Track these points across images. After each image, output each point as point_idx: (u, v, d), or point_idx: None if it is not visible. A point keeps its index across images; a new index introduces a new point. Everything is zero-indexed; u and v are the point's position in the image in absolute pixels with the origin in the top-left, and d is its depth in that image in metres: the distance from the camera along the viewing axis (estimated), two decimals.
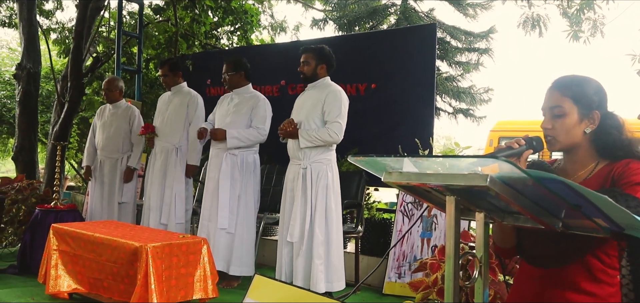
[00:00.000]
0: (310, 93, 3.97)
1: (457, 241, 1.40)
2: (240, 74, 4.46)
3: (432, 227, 4.37)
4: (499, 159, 1.21)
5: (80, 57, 8.49)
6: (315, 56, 3.94)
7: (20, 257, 4.41)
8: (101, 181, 5.13)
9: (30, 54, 8.83)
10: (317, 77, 3.96)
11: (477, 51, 9.53)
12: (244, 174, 4.33)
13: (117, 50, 7.21)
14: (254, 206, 4.39)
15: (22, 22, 8.98)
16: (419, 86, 5.09)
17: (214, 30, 9.07)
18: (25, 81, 8.66)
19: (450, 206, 1.39)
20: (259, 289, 2.13)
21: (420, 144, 4.67)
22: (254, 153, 4.44)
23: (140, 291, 2.98)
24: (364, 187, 4.55)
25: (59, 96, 8.83)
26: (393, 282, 4.38)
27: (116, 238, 3.21)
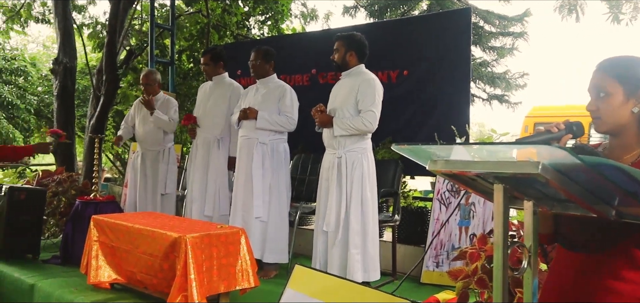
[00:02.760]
0: (345, 81, 3.94)
1: (505, 230, 1.36)
2: (269, 64, 4.47)
3: (470, 215, 4.31)
4: (553, 145, 1.16)
5: (114, 51, 8.63)
6: (345, 43, 3.91)
7: (62, 248, 4.50)
8: (143, 173, 5.16)
9: (66, 49, 9.02)
10: (347, 64, 3.92)
11: (512, 35, 9.34)
12: (275, 163, 4.34)
13: (150, 42, 7.29)
14: (286, 194, 4.39)
15: (57, 18, 9.17)
16: (454, 73, 5.00)
17: (245, 20, 9.10)
18: (62, 76, 8.85)
19: (498, 195, 1.35)
20: (299, 279, 2.12)
21: (457, 131, 4.59)
22: (283, 142, 4.43)
23: (180, 281, 3.00)
24: (400, 175, 4.50)
25: (95, 89, 9.01)
26: (431, 270, 4.33)
27: (155, 229, 3.24)
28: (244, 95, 4.64)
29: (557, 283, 1.79)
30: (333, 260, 3.74)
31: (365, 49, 3.93)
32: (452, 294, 3.44)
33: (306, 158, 5.28)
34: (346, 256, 3.70)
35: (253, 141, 4.32)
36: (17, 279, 3.97)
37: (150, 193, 5.12)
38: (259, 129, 4.30)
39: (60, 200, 5.35)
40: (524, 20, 9.34)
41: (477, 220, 4.31)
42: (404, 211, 4.87)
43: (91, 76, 9.38)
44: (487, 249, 2.78)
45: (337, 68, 4.00)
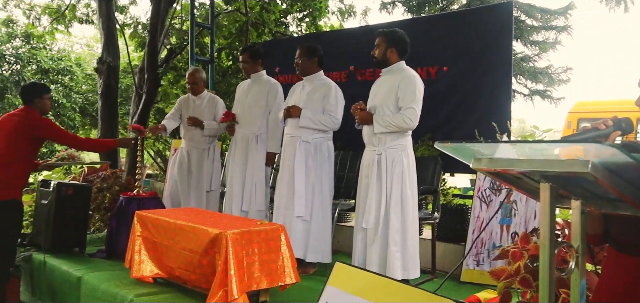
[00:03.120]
0: (385, 78, 3.91)
1: (552, 229, 1.33)
2: (313, 61, 4.44)
3: (512, 213, 4.23)
4: (604, 144, 1.13)
5: (156, 50, 8.81)
6: (385, 39, 3.87)
7: (107, 242, 4.63)
8: (188, 169, 5.21)
9: (110, 48, 9.25)
10: (387, 61, 3.89)
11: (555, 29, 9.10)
12: (318, 162, 4.33)
13: (190, 41, 7.40)
14: (329, 193, 4.38)
15: (101, 18, 9.41)
16: (495, 68, 4.91)
17: (283, 17, 9.15)
18: (106, 75, 9.08)
19: (544, 194, 1.32)
20: (339, 276, 2.13)
21: (498, 128, 4.51)
22: (327, 140, 4.41)
23: (221, 277, 3.04)
24: (440, 173, 4.46)
25: (137, 88, 9.20)
26: (471, 269, 4.28)
27: (196, 225, 3.29)
28: (291, 92, 4.64)
29: (608, 286, 1.74)
30: (372, 257, 3.73)
31: (406, 46, 3.89)
32: (493, 293, 3.39)
33: (345, 155, 5.28)
34: (385, 254, 3.69)
35: (296, 140, 4.33)
36: (65, 272, 4.10)
37: (195, 190, 5.18)
38: (302, 127, 4.31)
39: (105, 196, 5.49)
40: (568, 14, 9.11)
41: (518, 218, 4.23)
42: (443, 209, 4.82)
43: (133, 75, 9.59)
44: (530, 248, 2.72)
45: (377, 64, 3.97)
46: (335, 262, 2.23)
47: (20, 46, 15.31)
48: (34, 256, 4.56)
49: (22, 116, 4.16)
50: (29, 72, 15.27)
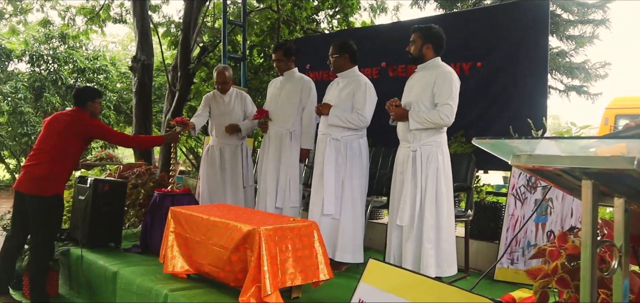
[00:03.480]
0: (421, 74, 3.87)
1: (594, 228, 1.30)
2: (344, 57, 4.42)
3: (547, 211, 4.15)
4: None
5: (188, 48, 8.94)
6: (421, 35, 3.83)
7: (142, 238, 4.71)
8: (222, 167, 5.23)
9: (144, 47, 9.41)
10: (423, 57, 3.85)
11: (592, 23, 8.87)
12: (348, 159, 4.30)
13: (223, 39, 7.46)
14: (359, 191, 4.33)
15: (135, 18, 9.59)
16: (530, 63, 4.82)
17: (314, 14, 9.15)
18: (140, 73, 9.25)
19: (586, 191, 1.29)
20: (373, 273, 2.12)
21: (533, 124, 4.43)
22: (358, 138, 4.37)
23: (254, 273, 3.06)
24: (473, 170, 4.39)
25: (170, 85, 9.35)
26: (505, 268, 4.21)
27: (229, 221, 3.32)
28: (328, 89, 4.64)
29: None
30: (407, 254, 3.70)
31: (442, 42, 3.84)
32: (528, 293, 3.33)
33: (377, 151, 5.25)
34: (420, 251, 3.66)
35: (326, 137, 4.32)
36: (102, 266, 4.19)
37: (230, 186, 5.19)
38: (331, 125, 4.30)
39: (140, 192, 5.60)
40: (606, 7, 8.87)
41: (554, 216, 4.15)
42: (476, 206, 4.75)
43: (167, 73, 9.74)
44: (568, 247, 2.66)
45: (413, 61, 3.92)
46: (368, 259, 2.22)
47: (57, 46, 15.68)
48: (71, 250, 4.67)
49: (73, 116, 4.33)
50: (66, 72, 15.62)
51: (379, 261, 2.17)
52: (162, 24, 11.26)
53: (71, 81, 15.89)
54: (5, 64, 15.32)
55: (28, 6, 11.22)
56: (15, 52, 15.17)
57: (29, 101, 14.70)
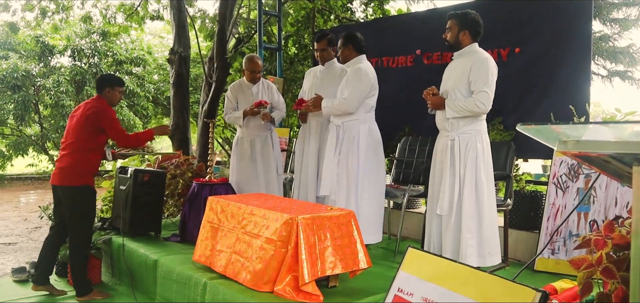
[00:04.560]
0: (458, 62, 3.81)
1: None
2: (348, 48, 4.47)
3: (590, 200, 4.04)
4: None
5: (225, 39, 9.00)
6: (458, 22, 3.76)
7: (181, 227, 4.78)
8: (253, 158, 5.19)
9: (181, 39, 9.53)
10: (460, 44, 3.78)
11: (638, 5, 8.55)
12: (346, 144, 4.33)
13: (258, 29, 7.49)
14: (356, 173, 4.29)
15: (172, 11, 9.71)
16: (572, 49, 4.69)
17: (349, 3, 9.10)
18: (178, 64, 9.38)
19: (637, 178, 1.24)
20: (412, 262, 2.10)
21: (575, 111, 4.31)
22: (359, 123, 4.34)
23: (291, 262, 3.06)
24: (513, 158, 4.30)
25: (207, 76, 9.45)
26: (546, 258, 4.12)
27: (268, 210, 3.33)
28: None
29: None
30: (447, 243, 3.66)
31: (479, 28, 3.77)
32: (570, 283, 3.26)
33: (413, 140, 5.20)
34: (459, 240, 3.61)
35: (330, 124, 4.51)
36: (143, 255, 4.28)
37: (263, 177, 5.17)
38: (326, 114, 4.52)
39: (178, 182, 5.68)
40: None
41: (597, 206, 4.04)
42: (516, 195, 4.67)
43: (203, 64, 9.85)
44: (615, 237, 2.58)
45: (450, 48, 3.87)
46: (407, 248, 2.20)
47: (97, 40, 16.05)
48: (113, 239, 4.78)
49: (91, 105, 4.28)
50: (105, 64, 15.98)
51: (418, 250, 2.15)
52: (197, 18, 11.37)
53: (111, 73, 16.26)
54: (48, 59, 15.77)
55: (70, 4, 11.49)
56: (58, 48, 15.60)
57: (70, 94, 15.11)
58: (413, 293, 2.02)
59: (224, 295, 3.25)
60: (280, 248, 3.14)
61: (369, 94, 4.34)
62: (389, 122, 6.00)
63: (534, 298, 1.74)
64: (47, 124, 15.92)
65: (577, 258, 2.79)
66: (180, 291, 3.71)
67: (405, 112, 5.83)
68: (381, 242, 4.63)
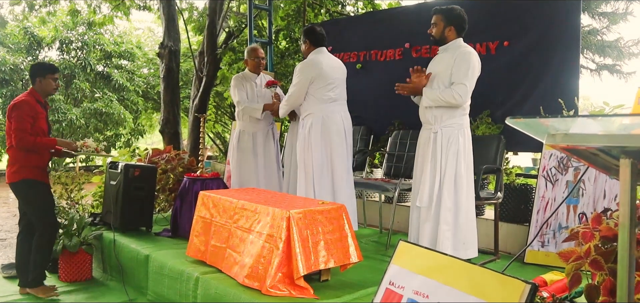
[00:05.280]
0: (442, 56, 3.84)
1: (633, 208, 1.27)
2: (306, 43, 4.51)
3: (579, 193, 4.08)
4: None
5: (215, 33, 8.98)
6: (443, 17, 3.79)
7: (172, 222, 4.77)
8: (254, 152, 5.14)
9: (171, 33, 9.49)
10: (445, 39, 3.81)
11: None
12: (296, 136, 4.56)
13: (249, 23, 7.46)
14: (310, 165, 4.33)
15: (161, 3, 9.65)
16: (561, 42, 4.72)
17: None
18: (168, 59, 9.34)
19: (624, 170, 1.26)
20: (403, 255, 2.12)
21: (565, 105, 4.35)
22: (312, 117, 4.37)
23: (283, 257, 3.06)
24: (503, 151, 4.34)
25: (197, 71, 9.42)
26: (536, 250, 4.16)
27: (258, 205, 3.34)
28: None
29: None
30: (424, 235, 3.69)
31: (464, 23, 3.81)
32: (559, 275, 3.30)
33: (404, 134, 5.22)
34: (436, 232, 3.65)
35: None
36: (134, 250, 4.27)
37: (264, 171, 5.14)
38: None
39: (169, 177, 5.66)
40: None
41: (586, 198, 4.08)
42: (506, 189, 4.71)
43: (193, 58, 9.82)
44: (603, 229, 2.62)
45: (435, 43, 3.90)
46: (398, 241, 2.22)
47: (84, 32, 15.91)
48: (104, 234, 4.76)
49: (16, 98, 4.11)
50: (94, 57, 15.86)
51: (410, 243, 2.17)
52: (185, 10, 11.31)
53: (100, 67, 16.14)
54: (36, 52, 15.63)
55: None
56: (46, 40, 15.45)
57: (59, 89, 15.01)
58: (404, 286, 2.04)
59: (216, 290, 3.25)
60: (272, 242, 3.14)
61: (312, 86, 4.34)
62: (378, 116, 6.03)
63: (523, 290, 1.76)
64: None
65: (565, 250, 2.82)
66: (172, 286, 3.71)
67: (394, 106, 5.85)
68: (373, 236, 4.65)
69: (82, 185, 5.46)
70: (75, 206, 5.10)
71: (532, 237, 4.19)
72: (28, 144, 3.99)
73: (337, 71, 4.41)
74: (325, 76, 4.31)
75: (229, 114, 12.84)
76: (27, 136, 3.97)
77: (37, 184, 4.11)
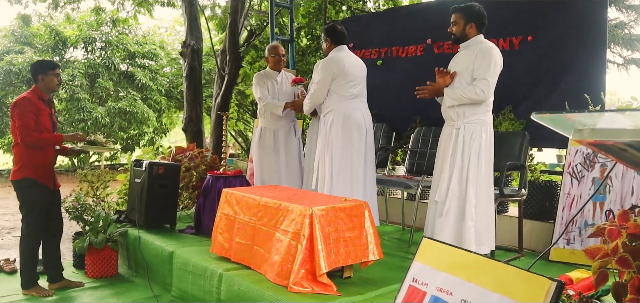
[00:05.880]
0: (463, 53, 3.83)
1: None
2: (327, 41, 4.53)
3: (606, 190, 4.01)
4: None
5: (237, 31, 9.03)
6: (463, 15, 3.79)
7: (196, 219, 4.82)
8: (276, 149, 5.16)
9: (193, 31, 9.57)
10: (466, 37, 3.80)
11: None
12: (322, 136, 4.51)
13: (270, 21, 7.49)
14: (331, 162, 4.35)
15: (184, 3, 9.73)
16: (587, 36, 4.64)
17: None
18: (190, 57, 9.41)
19: None
20: (427, 252, 2.11)
21: (591, 100, 4.27)
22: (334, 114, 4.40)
23: (306, 254, 3.07)
24: (527, 148, 4.28)
25: (219, 69, 9.48)
26: (561, 248, 4.11)
27: (281, 202, 3.35)
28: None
29: None
30: (444, 231, 3.66)
31: (484, 20, 3.80)
32: (585, 273, 3.25)
33: (427, 130, 5.19)
34: (458, 228, 3.63)
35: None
36: (159, 247, 4.33)
37: (285, 168, 5.15)
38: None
39: (192, 175, 5.72)
40: None
41: (613, 195, 4.01)
42: (530, 185, 4.65)
43: (216, 57, 9.88)
44: (630, 226, 2.57)
45: (456, 41, 3.89)
46: (421, 238, 2.21)
47: (108, 32, 16.12)
48: (129, 231, 4.83)
49: (19, 96, 4.15)
50: (118, 56, 16.07)
51: (433, 240, 2.16)
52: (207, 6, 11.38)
53: (123, 66, 16.34)
54: (62, 52, 15.89)
55: None
56: (71, 40, 15.70)
57: (84, 88, 15.22)
58: (428, 283, 2.03)
59: (239, 286, 3.28)
60: (296, 240, 3.16)
61: (334, 83, 4.36)
62: (399, 112, 6.01)
63: (549, 288, 1.73)
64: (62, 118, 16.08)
65: (591, 247, 2.78)
66: (196, 282, 3.74)
67: (415, 102, 5.78)
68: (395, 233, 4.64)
69: (108, 183, 5.54)
70: (101, 204, 5.18)
71: (558, 235, 4.13)
72: (33, 140, 4.03)
73: (358, 68, 4.44)
74: (347, 73, 4.34)
75: (251, 112, 12.90)
76: (31, 132, 4.02)
77: (36, 185, 4.12)
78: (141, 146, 16.42)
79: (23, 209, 4.17)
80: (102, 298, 4.14)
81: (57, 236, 4.41)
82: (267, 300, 3.05)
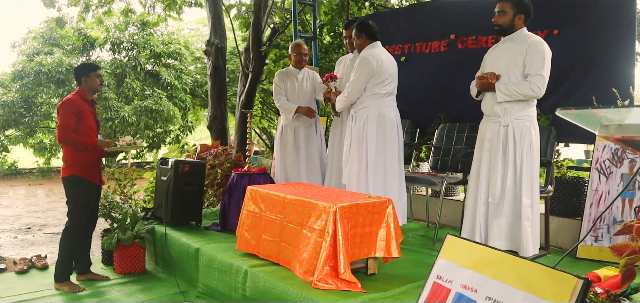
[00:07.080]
0: (507, 46, 3.71)
1: None
2: (361, 37, 4.46)
3: (635, 186, 3.94)
4: None
5: (260, 29, 9.08)
6: (513, 5, 3.64)
7: (221, 216, 4.87)
8: (296, 147, 5.21)
9: (217, 30, 9.65)
10: (514, 28, 3.67)
11: None
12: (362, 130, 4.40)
13: (293, 18, 7.50)
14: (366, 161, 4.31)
15: (208, 2, 9.82)
16: (614, 29, 4.55)
17: None
18: (214, 56, 9.50)
19: None
20: (451, 249, 2.10)
21: (619, 94, 4.19)
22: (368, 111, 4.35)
23: (330, 250, 3.10)
24: (553, 143, 4.22)
25: (243, 67, 9.55)
26: (588, 245, 4.05)
27: (305, 199, 3.37)
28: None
29: None
30: (501, 232, 3.59)
31: (531, 11, 3.68)
32: (613, 271, 3.20)
33: (451, 127, 5.15)
34: (516, 229, 3.57)
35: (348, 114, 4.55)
36: (185, 243, 4.39)
37: (305, 166, 5.18)
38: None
39: (217, 172, 5.77)
40: None
41: None
42: (557, 182, 4.59)
43: (239, 55, 9.95)
44: None
45: (501, 32, 3.74)
46: (446, 235, 2.20)
47: (135, 33, 16.37)
48: (156, 228, 4.90)
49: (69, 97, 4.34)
50: (144, 57, 16.29)
51: (457, 237, 2.15)
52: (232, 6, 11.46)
53: (149, 66, 16.57)
54: (90, 53, 16.18)
55: None
56: (98, 41, 15.99)
57: (112, 87, 15.47)
58: (452, 280, 2.03)
59: (264, 282, 3.31)
60: (319, 236, 3.18)
61: (370, 81, 4.31)
62: (423, 109, 5.97)
63: (575, 286, 1.72)
64: None
65: (619, 244, 2.73)
66: (221, 278, 3.79)
67: (439, 98, 5.78)
68: (420, 230, 4.62)
69: (135, 181, 5.63)
70: (128, 201, 5.27)
71: (586, 232, 4.07)
72: (69, 140, 4.21)
73: (392, 66, 4.43)
74: (384, 71, 4.32)
75: (275, 110, 12.96)
76: (69, 133, 4.19)
77: (82, 182, 4.31)
78: (167, 143, 16.63)
79: (69, 204, 4.35)
80: (130, 294, 4.22)
81: (91, 229, 4.55)
82: (291, 296, 3.07)
